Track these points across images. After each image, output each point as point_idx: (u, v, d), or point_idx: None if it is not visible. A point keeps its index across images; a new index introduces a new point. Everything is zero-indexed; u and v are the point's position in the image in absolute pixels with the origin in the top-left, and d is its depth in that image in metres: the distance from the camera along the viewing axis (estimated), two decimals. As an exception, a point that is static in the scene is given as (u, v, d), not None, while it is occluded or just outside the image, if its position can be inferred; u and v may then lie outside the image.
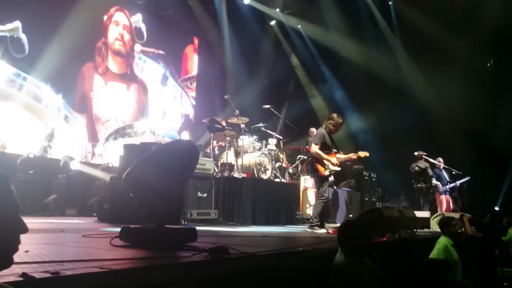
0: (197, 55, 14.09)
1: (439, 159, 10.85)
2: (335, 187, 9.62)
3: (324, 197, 6.12)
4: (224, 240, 3.28)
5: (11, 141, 8.87)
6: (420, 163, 10.55)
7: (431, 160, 10.67)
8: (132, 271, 1.98)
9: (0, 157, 8.57)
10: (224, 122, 8.57)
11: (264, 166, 8.56)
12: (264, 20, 14.32)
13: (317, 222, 5.99)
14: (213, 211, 6.70)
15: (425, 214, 8.89)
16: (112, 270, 1.86)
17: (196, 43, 14.08)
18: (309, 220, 6.47)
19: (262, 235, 4.72)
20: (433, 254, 5.01)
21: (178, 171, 3.06)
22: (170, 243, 2.87)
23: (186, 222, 6.03)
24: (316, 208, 6.18)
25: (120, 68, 11.59)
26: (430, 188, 10.51)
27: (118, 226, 3.17)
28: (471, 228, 5.94)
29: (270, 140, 9.32)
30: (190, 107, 13.66)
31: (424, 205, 10.35)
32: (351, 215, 9.28)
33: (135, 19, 11.94)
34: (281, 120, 10.17)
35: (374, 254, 3.40)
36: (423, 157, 10.59)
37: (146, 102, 12.17)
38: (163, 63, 12.61)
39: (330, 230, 5.78)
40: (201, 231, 3.41)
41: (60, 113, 9.86)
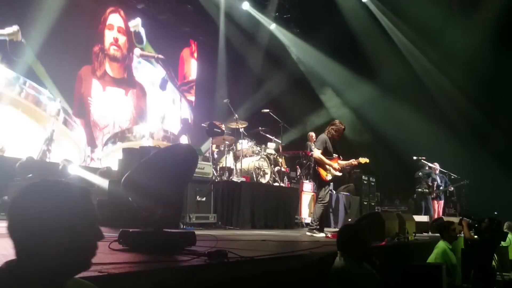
0: (196, 59, 14.09)
1: (435, 164, 10.89)
2: (334, 191, 9.63)
3: (325, 201, 6.14)
4: (223, 244, 3.28)
5: (10, 144, 8.86)
6: (424, 169, 10.70)
7: (429, 164, 10.72)
8: (131, 275, 1.97)
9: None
10: (223, 126, 8.58)
11: (263, 170, 8.56)
12: (262, 24, 14.31)
13: (316, 226, 6.00)
14: (212, 215, 6.70)
15: (424, 218, 8.91)
16: (110, 274, 1.86)
17: (193, 46, 14.07)
18: (309, 224, 6.48)
19: (261, 239, 4.72)
20: (431, 258, 5.01)
21: (177, 175, 3.05)
22: (169, 247, 2.86)
23: (185, 226, 6.03)
24: (316, 212, 6.19)
25: (118, 72, 11.57)
26: (433, 192, 10.56)
27: (117, 230, 3.16)
28: (470, 233, 5.94)
29: (269, 144, 9.34)
30: (189, 111, 13.66)
31: (426, 209, 10.40)
32: (350, 219, 9.28)
33: (134, 23, 11.94)
34: (280, 124, 10.18)
35: (373, 258, 3.40)
36: (422, 161, 10.66)
37: (144, 107, 12.15)
38: (162, 67, 12.59)
39: (329, 234, 5.79)
40: (200, 235, 3.41)
41: (59, 116, 9.85)
